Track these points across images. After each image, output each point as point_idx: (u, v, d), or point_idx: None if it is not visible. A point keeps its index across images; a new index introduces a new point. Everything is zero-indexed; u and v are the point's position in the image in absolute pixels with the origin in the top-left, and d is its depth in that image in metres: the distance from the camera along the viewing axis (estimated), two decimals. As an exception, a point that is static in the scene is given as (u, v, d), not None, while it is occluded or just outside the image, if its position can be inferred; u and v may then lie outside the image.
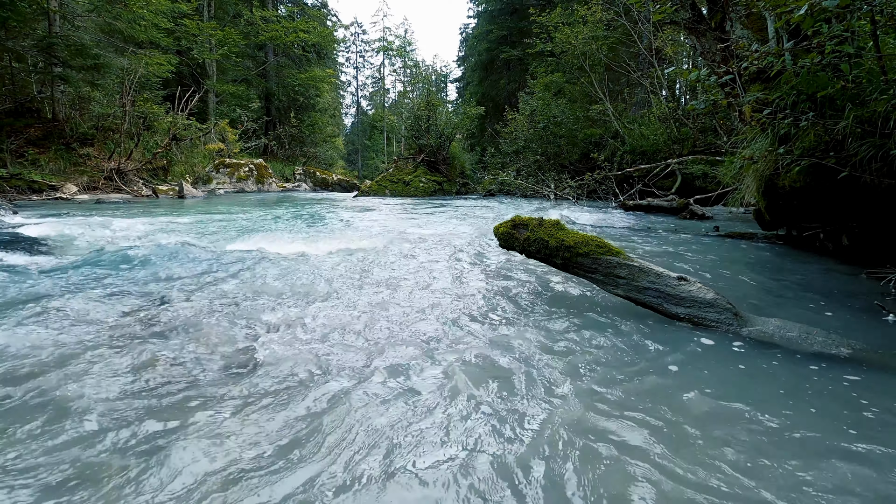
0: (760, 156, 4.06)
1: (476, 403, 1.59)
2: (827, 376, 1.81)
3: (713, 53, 4.98)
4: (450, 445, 1.35)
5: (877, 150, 2.95)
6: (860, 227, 3.86)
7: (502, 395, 1.66)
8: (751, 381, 1.77)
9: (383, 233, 5.76)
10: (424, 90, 23.70)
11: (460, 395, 1.65)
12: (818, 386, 1.74)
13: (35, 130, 12.36)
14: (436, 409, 1.55)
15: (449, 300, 2.82)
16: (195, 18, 19.71)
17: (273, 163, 22.44)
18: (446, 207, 10.44)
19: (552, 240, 2.70)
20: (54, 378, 1.67)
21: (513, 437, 1.40)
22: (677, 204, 8.75)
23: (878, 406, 1.59)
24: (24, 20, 11.37)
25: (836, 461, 1.28)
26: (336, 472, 1.23)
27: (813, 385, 1.74)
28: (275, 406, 1.56)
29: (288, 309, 2.58)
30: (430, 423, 1.47)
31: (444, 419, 1.49)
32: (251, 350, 2.02)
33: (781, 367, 1.90)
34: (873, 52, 2.81)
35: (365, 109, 50.71)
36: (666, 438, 1.39)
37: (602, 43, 15.83)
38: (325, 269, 3.55)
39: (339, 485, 1.18)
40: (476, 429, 1.44)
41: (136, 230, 5.35)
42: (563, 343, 2.14)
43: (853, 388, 1.72)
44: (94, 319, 2.29)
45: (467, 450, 1.33)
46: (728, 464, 1.27)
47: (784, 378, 1.80)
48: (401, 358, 1.96)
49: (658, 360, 1.96)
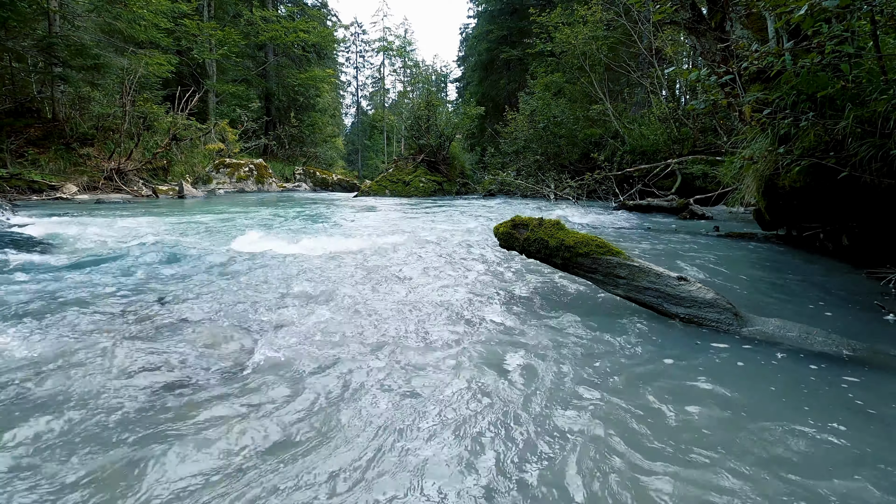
0: (760, 156, 4.06)
1: (477, 396, 1.59)
2: (827, 376, 1.81)
3: (713, 53, 4.98)
4: (454, 437, 1.35)
5: (877, 150, 2.95)
6: (860, 227, 3.86)
7: (501, 392, 1.66)
8: (750, 381, 1.77)
9: (384, 233, 5.76)
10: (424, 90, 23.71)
11: (462, 390, 1.65)
12: (818, 386, 1.73)
13: (35, 130, 12.36)
14: (438, 409, 1.55)
15: (449, 299, 2.82)
16: (195, 18, 19.70)
17: (273, 163, 22.44)
18: (446, 207, 10.44)
19: (552, 240, 2.70)
20: (52, 378, 1.67)
21: (511, 431, 1.40)
22: (677, 204, 8.75)
23: (879, 406, 1.59)
24: (24, 20, 11.36)
25: (837, 461, 1.28)
26: (344, 466, 1.23)
27: (813, 385, 1.74)
28: (274, 406, 1.56)
29: (288, 309, 2.58)
30: (434, 422, 1.47)
31: (446, 415, 1.49)
32: (251, 350, 2.01)
33: (781, 368, 1.90)
34: (873, 52, 2.81)
35: (365, 109, 50.72)
36: (664, 438, 1.38)
37: (602, 43, 15.83)
38: (324, 268, 3.55)
39: (347, 478, 1.18)
40: (478, 419, 1.44)
41: (135, 230, 5.35)
42: (562, 342, 2.14)
43: (853, 388, 1.72)
44: (93, 319, 2.29)
45: (472, 441, 1.33)
46: (725, 464, 1.27)
47: (784, 378, 1.80)
48: (402, 357, 1.96)
49: (657, 359, 1.96)
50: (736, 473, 1.23)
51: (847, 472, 1.24)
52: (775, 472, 1.24)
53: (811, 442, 1.38)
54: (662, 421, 1.48)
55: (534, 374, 1.81)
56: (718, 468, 1.25)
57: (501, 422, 1.48)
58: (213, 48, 20.51)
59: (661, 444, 1.35)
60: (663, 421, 1.48)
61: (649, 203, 9.35)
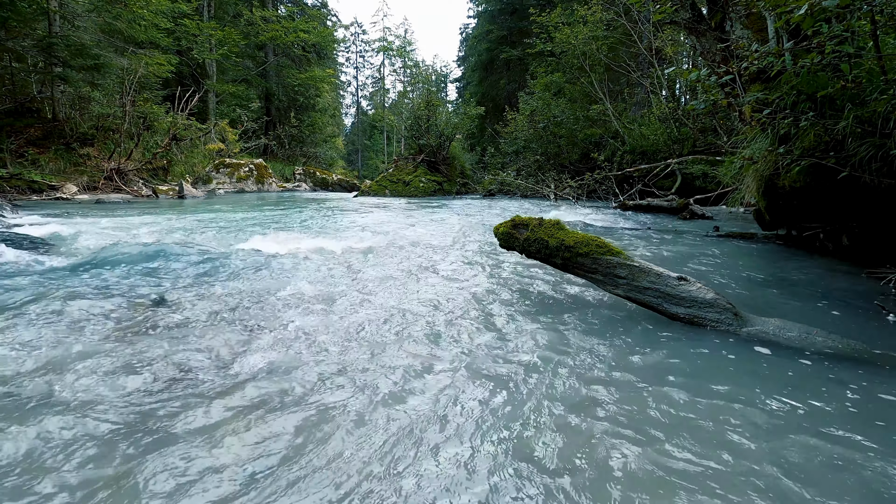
0: (760, 156, 4.06)
1: (477, 395, 1.59)
2: (827, 376, 1.81)
3: (713, 53, 4.98)
4: (453, 436, 1.35)
5: (877, 150, 2.95)
6: (860, 227, 3.86)
7: (500, 389, 1.66)
8: (750, 381, 1.77)
9: (384, 232, 5.75)
10: (424, 90, 23.69)
11: (463, 388, 1.65)
12: (818, 386, 1.73)
13: (35, 130, 12.37)
14: (438, 409, 1.55)
15: (449, 298, 2.82)
16: (195, 18, 19.71)
17: (273, 163, 22.44)
18: (446, 207, 10.44)
19: (552, 240, 2.70)
20: (48, 377, 1.67)
21: (511, 431, 1.40)
22: (677, 204, 8.75)
23: (879, 406, 1.58)
24: (24, 20, 11.37)
25: (837, 461, 1.28)
26: (342, 469, 1.23)
27: (813, 385, 1.74)
28: (273, 406, 1.56)
29: (287, 309, 2.58)
30: (434, 421, 1.47)
31: (446, 413, 1.49)
32: (250, 350, 2.01)
33: (781, 367, 1.90)
34: (873, 52, 2.81)
35: (365, 109, 50.73)
36: (663, 437, 1.38)
37: (602, 43, 15.83)
38: (324, 268, 3.55)
39: (342, 482, 1.18)
40: (476, 416, 1.44)
41: (135, 230, 5.35)
42: (562, 341, 2.14)
43: (853, 388, 1.72)
44: (93, 319, 2.29)
45: (470, 438, 1.33)
46: (722, 463, 1.27)
47: (784, 378, 1.80)
48: (402, 355, 1.96)
49: (657, 359, 1.96)
50: (736, 473, 1.23)
51: (847, 471, 1.24)
52: (773, 470, 1.24)
53: (810, 441, 1.37)
54: (660, 420, 1.48)
55: (532, 373, 1.81)
56: (714, 468, 1.25)
57: (503, 424, 1.48)
58: (213, 48, 20.51)
59: (657, 442, 1.35)
60: (661, 420, 1.48)
61: (649, 203, 9.35)
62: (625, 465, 1.26)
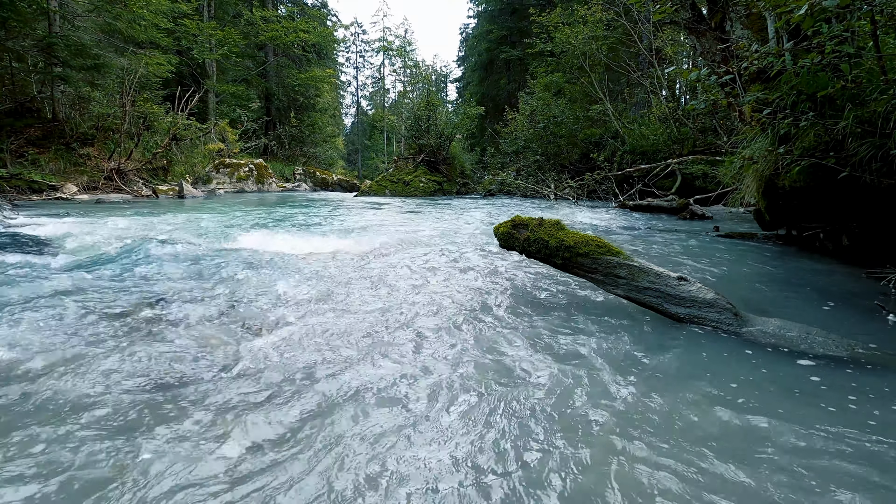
0: (760, 156, 4.06)
1: (475, 394, 1.59)
2: (827, 376, 1.81)
3: (713, 53, 4.98)
4: (450, 435, 1.35)
5: (877, 150, 2.95)
6: (860, 227, 3.86)
7: (497, 389, 1.66)
8: (750, 381, 1.77)
9: (384, 232, 5.75)
10: (424, 90, 23.71)
11: (462, 387, 1.65)
12: (818, 386, 1.73)
13: (35, 130, 12.36)
14: (437, 408, 1.55)
15: (449, 298, 2.82)
16: (195, 18, 19.69)
17: (273, 163, 22.42)
18: (446, 207, 10.44)
19: (552, 240, 2.70)
20: (47, 376, 1.67)
21: (513, 430, 1.40)
22: (677, 204, 8.74)
23: (879, 406, 1.58)
24: (24, 20, 11.35)
25: (836, 461, 1.28)
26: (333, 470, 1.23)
27: (812, 385, 1.74)
28: (272, 406, 1.56)
29: (287, 308, 2.58)
30: (431, 420, 1.47)
31: (445, 412, 1.49)
32: (249, 350, 2.01)
33: (781, 367, 1.90)
34: (873, 52, 2.81)
35: (365, 109, 50.72)
36: (661, 436, 1.38)
37: (602, 43, 15.83)
38: (324, 268, 3.55)
39: (334, 484, 1.18)
40: (476, 416, 1.44)
41: (135, 230, 5.35)
42: (561, 341, 2.14)
43: (853, 388, 1.72)
44: (91, 319, 2.29)
45: (468, 437, 1.33)
46: (720, 462, 1.27)
47: (784, 378, 1.80)
48: (402, 355, 1.96)
49: (657, 359, 1.96)
50: (728, 471, 1.23)
51: (847, 471, 1.24)
52: (772, 470, 1.24)
53: (809, 441, 1.37)
54: (659, 419, 1.48)
55: (531, 372, 1.81)
56: (713, 467, 1.25)
57: (504, 414, 1.48)
58: (213, 48, 20.49)
59: (655, 440, 1.35)
60: (660, 419, 1.48)
61: (649, 203, 9.34)
62: (624, 465, 1.26)
